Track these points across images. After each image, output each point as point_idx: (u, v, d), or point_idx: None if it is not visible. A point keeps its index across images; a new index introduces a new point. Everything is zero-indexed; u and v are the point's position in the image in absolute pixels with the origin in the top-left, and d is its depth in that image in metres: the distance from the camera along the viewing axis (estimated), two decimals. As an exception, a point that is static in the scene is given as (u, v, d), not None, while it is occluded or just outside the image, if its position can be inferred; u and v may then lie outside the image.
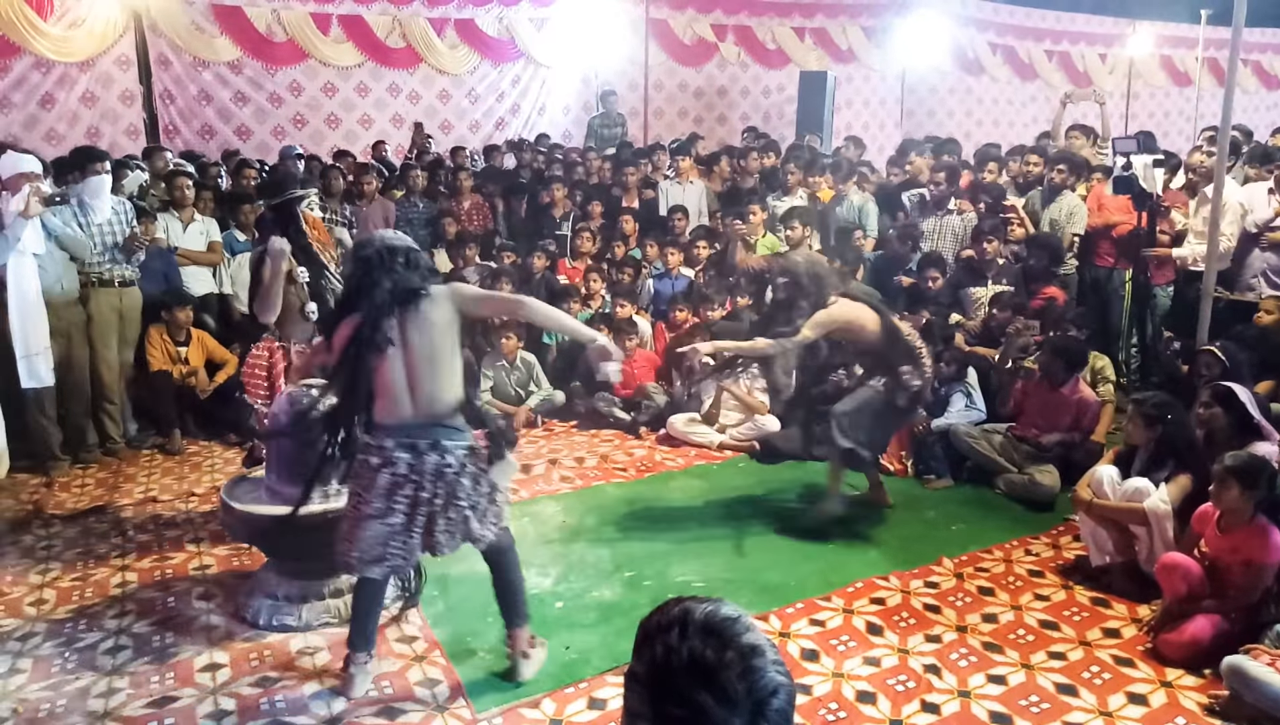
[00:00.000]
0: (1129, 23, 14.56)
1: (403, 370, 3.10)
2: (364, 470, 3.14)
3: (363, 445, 3.16)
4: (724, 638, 1.21)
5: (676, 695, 1.20)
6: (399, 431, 3.10)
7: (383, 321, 3.06)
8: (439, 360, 3.12)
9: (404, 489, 3.09)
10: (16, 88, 9.11)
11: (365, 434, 3.17)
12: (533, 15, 11.45)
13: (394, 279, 3.09)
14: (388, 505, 3.10)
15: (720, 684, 1.19)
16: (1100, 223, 6.56)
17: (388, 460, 3.09)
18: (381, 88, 10.91)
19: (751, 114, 12.82)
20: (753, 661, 1.21)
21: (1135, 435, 4.06)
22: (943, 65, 13.52)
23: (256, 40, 10.14)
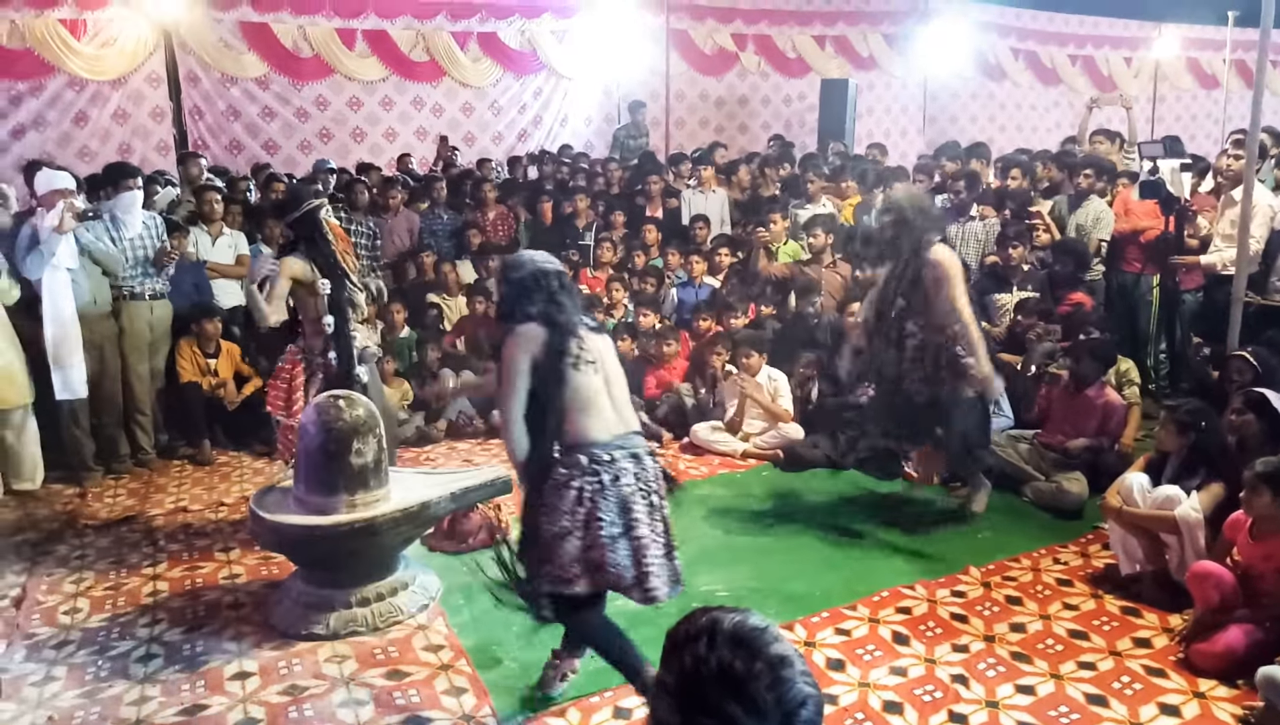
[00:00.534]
0: (1154, 25, 14.41)
1: (603, 385, 3.02)
2: (586, 491, 2.92)
3: (568, 468, 2.94)
4: (753, 648, 1.22)
5: (705, 705, 1.21)
6: (611, 446, 2.96)
7: (573, 342, 2.97)
8: (621, 372, 3.13)
9: (640, 500, 2.96)
10: (51, 105, 9.30)
11: (563, 455, 2.96)
12: (554, 28, 11.53)
13: (556, 302, 3.01)
14: (628, 520, 2.93)
15: (749, 695, 1.19)
16: (1127, 228, 6.49)
17: (617, 474, 2.93)
18: (406, 101, 11.02)
19: (773, 122, 12.82)
20: (781, 672, 1.21)
21: (1167, 442, 4.00)
22: (964, 71, 13.45)
23: (283, 56, 10.29)
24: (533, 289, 3.02)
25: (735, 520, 4.84)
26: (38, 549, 4.60)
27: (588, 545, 2.91)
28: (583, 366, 2.96)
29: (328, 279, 4.36)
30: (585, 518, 2.91)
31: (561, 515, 2.91)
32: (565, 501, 2.91)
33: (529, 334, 2.97)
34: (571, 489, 2.91)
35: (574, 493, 2.90)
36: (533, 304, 3.00)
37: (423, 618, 3.84)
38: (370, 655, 3.59)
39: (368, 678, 3.44)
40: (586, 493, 2.90)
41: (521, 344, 2.96)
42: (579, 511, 2.90)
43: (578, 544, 2.92)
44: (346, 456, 3.72)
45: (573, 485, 2.91)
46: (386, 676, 3.45)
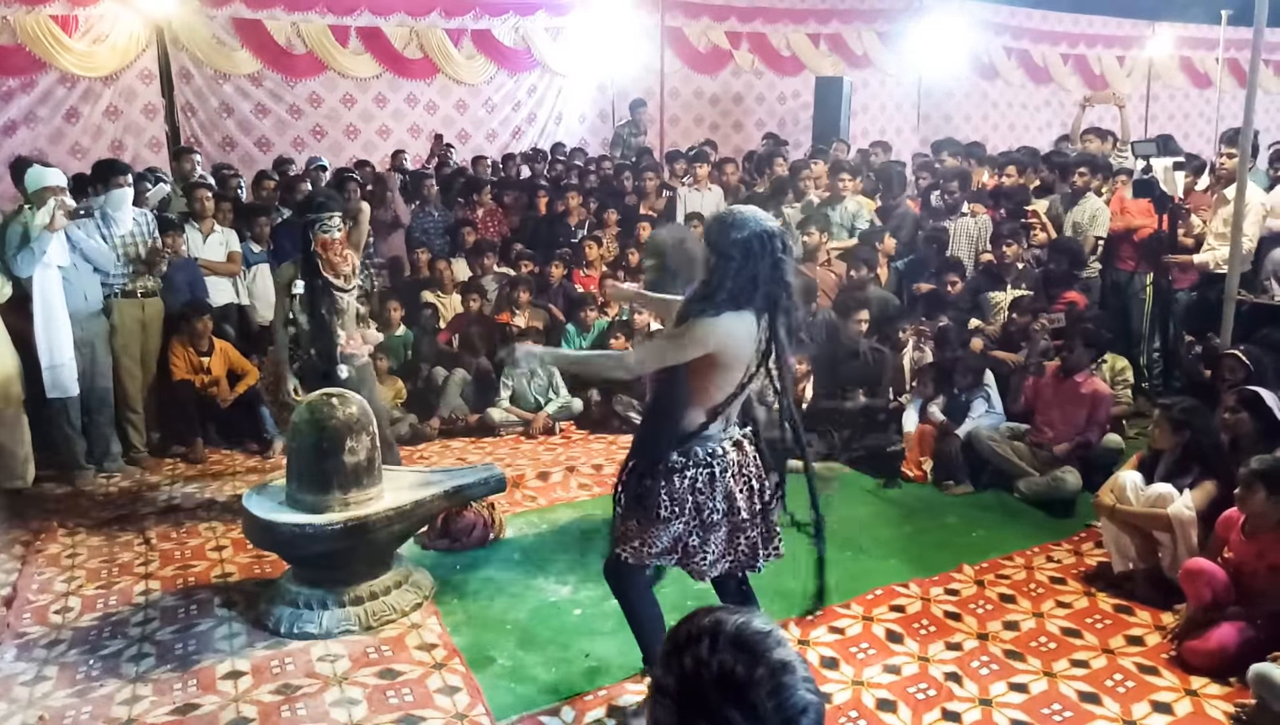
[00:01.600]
0: (1148, 24, 14.44)
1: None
2: (699, 481, 2.89)
3: (684, 457, 2.88)
4: (755, 653, 1.20)
5: (705, 709, 1.19)
6: (719, 438, 2.92)
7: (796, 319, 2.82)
8: None
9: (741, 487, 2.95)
10: (42, 102, 9.25)
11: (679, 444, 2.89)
12: (548, 25, 11.51)
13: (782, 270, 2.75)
14: (731, 507, 2.93)
15: (750, 700, 1.17)
16: (1121, 226, 6.51)
17: (726, 466, 2.91)
18: (399, 98, 11.00)
19: (767, 120, 12.82)
20: (783, 679, 1.19)
21: (1162, 441, 4.01)
22: (958, 69, 13.47)
23: (276, 53, 10.25)
24: (759, 256, 2.72)
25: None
26: (29, 548, 4.58)
27: (690, 532, 2.92)
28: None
29: (305, 281, 4.54)
30: (695, 506, 2.89)
31: (671, 502, 2.88)
32: (678, 489, 2.88)
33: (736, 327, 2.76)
34: (685, 477, 2.88)
35: (687, 481, 2.88)
36: (756, 282, 2.73)
37: (416, 617, 3.83)
38: (363, 654, 3.58)
39: (360, 677, 3.43)
40: (700, 483, 2.88)
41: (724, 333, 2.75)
42: (688, 500, 2.88)
43: (680, 529, 2.92)
44: (339, 454, 3.71)
45: (687, 474, 2.88)
46: (379, 676, 3.44)
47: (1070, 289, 6.18)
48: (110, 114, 9.60)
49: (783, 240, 2.78)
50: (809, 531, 3.02)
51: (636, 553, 2.96)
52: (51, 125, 9.32)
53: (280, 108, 10.43)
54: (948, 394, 5.47)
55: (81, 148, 9.36)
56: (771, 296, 2.77)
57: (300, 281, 4.52)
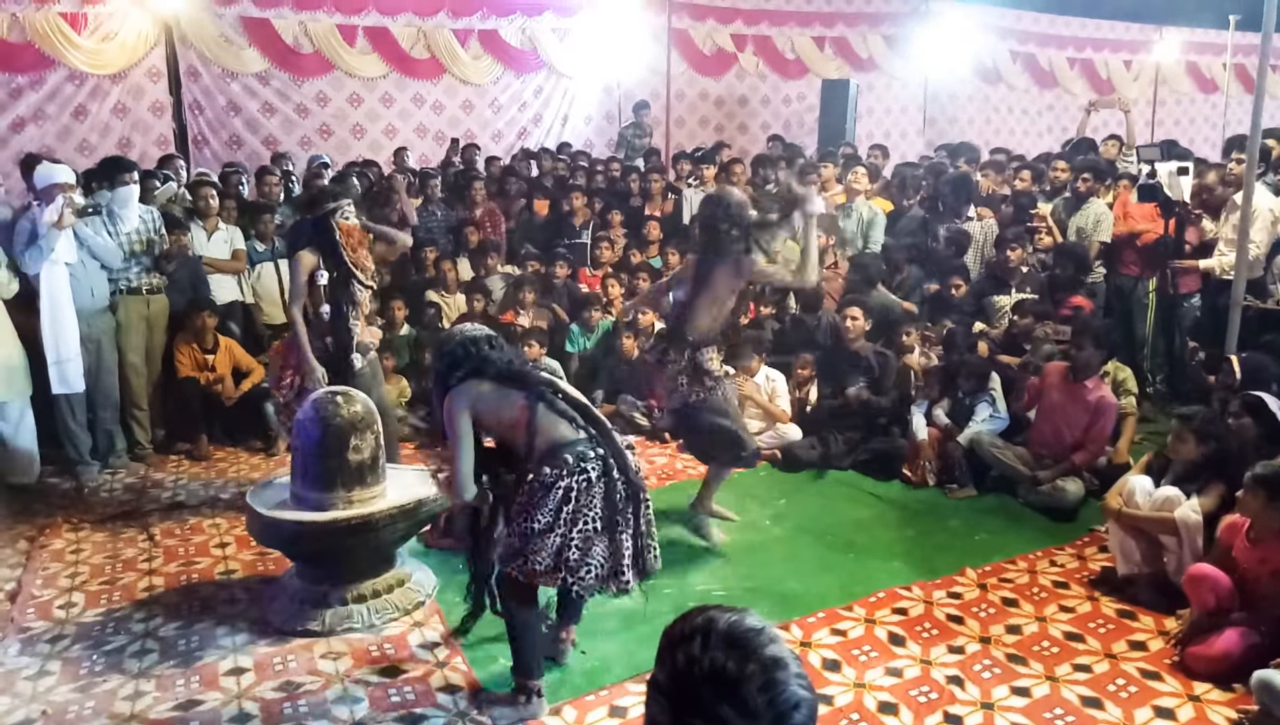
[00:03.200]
0: (1155, 29, 14.41)
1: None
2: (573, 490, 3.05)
3: (554, 468, 3.04)
4: (747, 649, 1.20)
5: (697, 706, 1.20)
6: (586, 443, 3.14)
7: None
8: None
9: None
10: (51, 99, 9.28)
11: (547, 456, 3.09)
12: (555, 26, 11.52)
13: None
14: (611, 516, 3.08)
15: (741, 696, 1.18)
16: (1125, 231, 6.50)
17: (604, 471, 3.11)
18: (406, 98, 11.01)
19: (772, 122, 12.82)
20: (775, 675, 1.19)
21: (1184, 452, 3.96)
22: (964, 73, 13.47)
23: (284, 51, 10.27)
24: (461, 357, 3.17)
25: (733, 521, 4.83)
26: (33, 543, 4.59)
27: (567, 544, 2.99)
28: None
29: (328, 272, 4.58)
30: (571, 515, 2.98)
31: (546, 512, 2.98)
32: (552, 499, 2.98)
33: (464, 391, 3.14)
34: (559, 488, 2.98)
35: (560, 491, 2.97)
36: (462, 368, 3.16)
37: (419, 615, 3.84)
38: (366, 652, 3.58)
39: (363, 674, 3.44)
40: (575, 491, 2.98)
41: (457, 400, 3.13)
42: (564, 509, 2.98)
43: (558, 542, 2.99)
44: (344, 452, 3.72)
45: (559, 485, 2.98)
46: (382, 673, 3.44)
47: (1076, 294, 6.17)
48: (118, 111, 9.63)
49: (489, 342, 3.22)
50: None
51: (523, 569, 3.02)
52: (60, 122, 9.34)
53: (287, 106, 10.45)
54: (952, 397, 5.46)
55: (89, 145, 9.38)
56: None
57: (324, 272, 4.56)
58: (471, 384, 3.14)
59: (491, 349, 3.20)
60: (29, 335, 5.14)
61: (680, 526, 4.72)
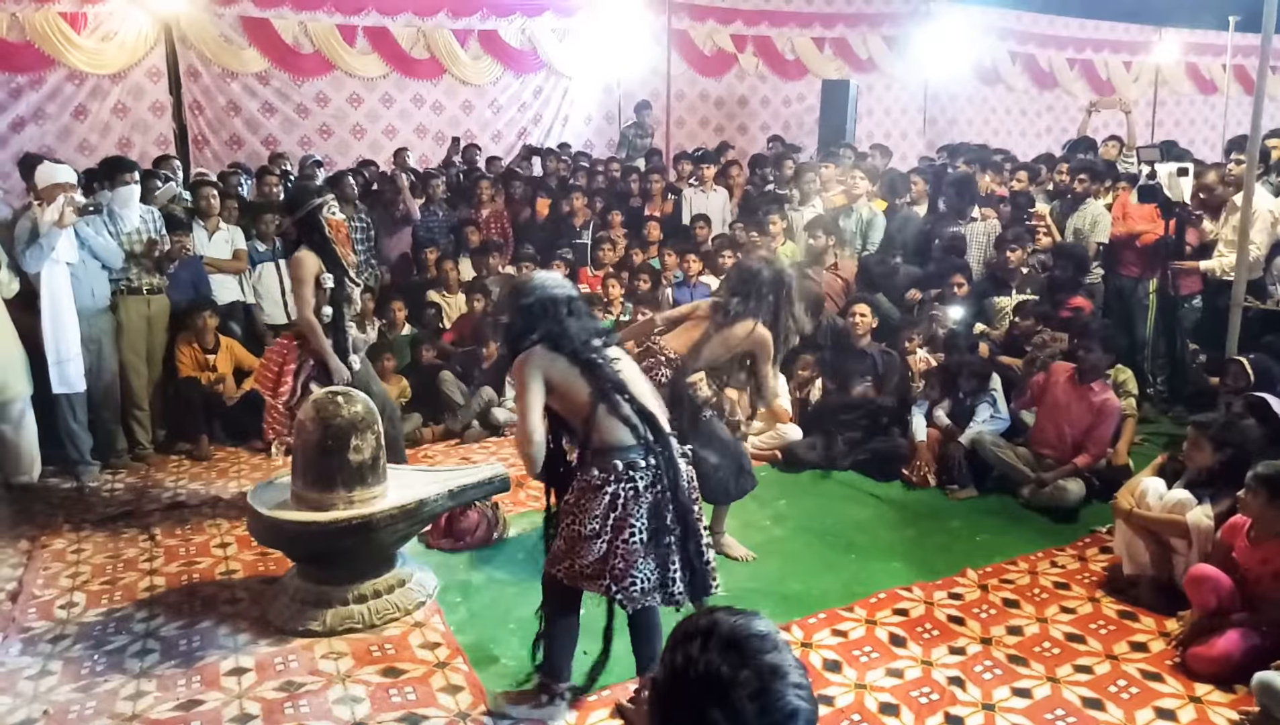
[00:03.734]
0: (1155, 30, 14.43)
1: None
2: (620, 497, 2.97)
3: (603, 472, 2.97)
4: (744, 654, 1.19)
5: (687, 707, 1.19)
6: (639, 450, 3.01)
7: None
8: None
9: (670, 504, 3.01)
10: (51, 99, 9.28)
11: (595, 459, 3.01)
12: (555, 26, 11.52)
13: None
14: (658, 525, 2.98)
15: (731, 701, 1.17)
16: (1125, 232, 6.50)
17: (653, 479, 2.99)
18: (406, 98, 11.01)
19: (772, 123, 12.83)
20: (771, 684, 1.18)
21: (1198, 458, 3.92)
22: (964, 74, 13.48)
23: (284, 52, 10.27)
24: (539, 318, 3.04)
25: (732, 520, 4.82)
26: (34, 543, 4.59)
27: (613, 552, 2.92)
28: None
29: (330, 273, 4.52)
30: (616, 522, 2.91)
31: (593, 518, 2.92)
32: (599, 504, 2.91)
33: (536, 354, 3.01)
34: (605, 493, 2.91)
35: (607, 497, 2.91)
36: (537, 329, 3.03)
37: (419, 615, 3.84)
38: (366, 652, 3.58)
39: (364, 675, 3.44)
40: (622, 499, 2.90)
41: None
42: (611, 516, 2.91)
43: (603, 548, 2.93)
44: (344, 452, 3.71)
45: (606, 491, 2.91)
46: (383, 674, 3.44)
47: (1076, 294, 6.17)
48: (118, 111, 9.63)
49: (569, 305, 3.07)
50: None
51: (569, 573, 2.98)
52: (60, 122, 9.35)
53: (287, 106, 10.45)
54: (953, 398, 5.47)
55: (89, 145, 9.39)
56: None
57: (328, 275, 4.50)
58: (545, 351, 3.00)
59: (571, 316, 3.04)
60: (30, 335, 5.13)
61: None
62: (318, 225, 4.49)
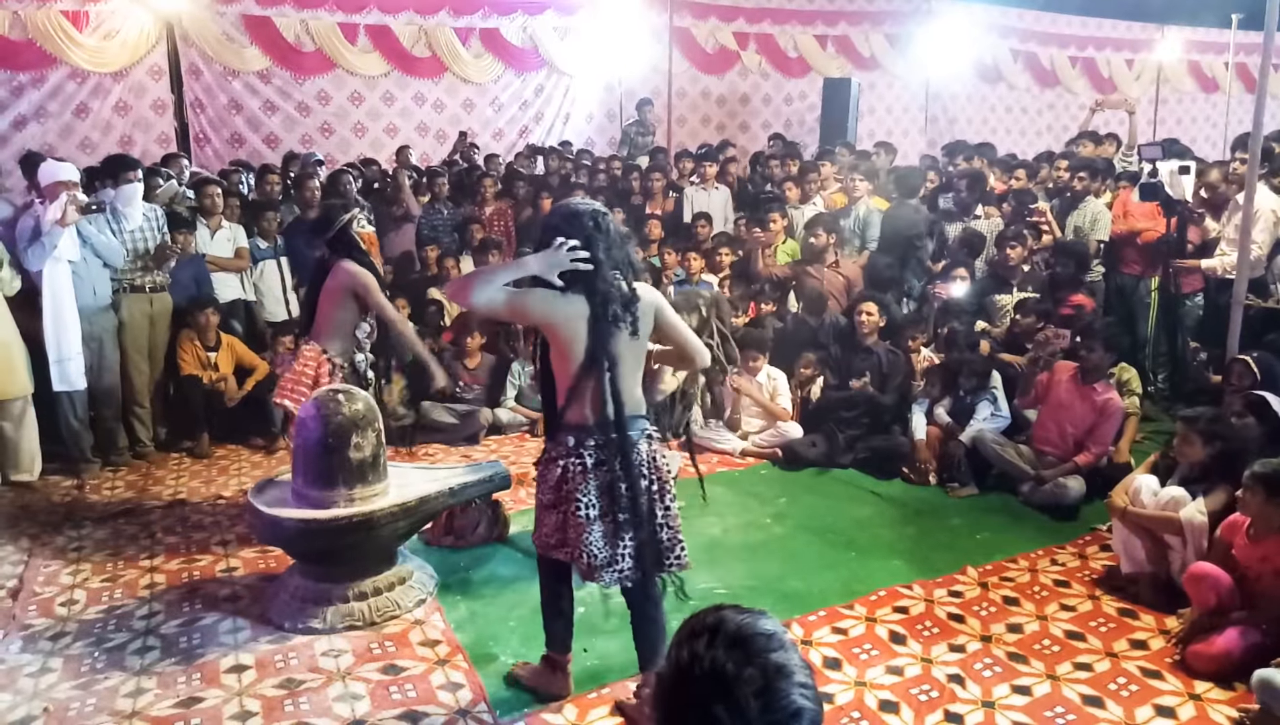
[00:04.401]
0: (1157, 28, 14.41)
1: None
2: (570, 471, 2.96)
3: (555, 446, 2.99)
4: (749, 652, 1.20)
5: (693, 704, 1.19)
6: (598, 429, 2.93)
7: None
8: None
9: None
10: (52, 97, 9.30)
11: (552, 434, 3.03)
12: (556, 24, 11.52)
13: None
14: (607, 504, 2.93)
15: (735, 699, 1.17)
16: (1126, 230, 6.49)
17: (601, 459, 2.92)
18: (407, 96, 11.02)
19: (774, 121, 12.82)
20: (776, 682, 1.18)
21: (1190, 453, 3.93)
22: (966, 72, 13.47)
23: (285, 50, 10.28)
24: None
25: (733, 519, 4.84)
26: (35, 540, 4.60)
27: (566, 525, 2.96)
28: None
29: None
30: (566, 494, 2.93)
31: (547, 488, 2.99)
32: (552, 476, 2.97)
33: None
34: (557, 467, 2.95)
35: (559, 469, 2.95)
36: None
37: (420, 613, 3.84)
38: (367, 650, 3.59)
39: (364, 672, 3.44)
40: (571, 473, 2.92)
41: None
42: (563, 488, 2.94)
43: (557, 520, 2.98)
44: (345, 450, 3.72)
45: (558, 464, 2.95)
46: (383, 671, 3.45)
47: (1077, 292, 6.16)
48: (120, 109, 9.65)
49: (597, 219, 2.86)
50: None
51: (538, 541, 3.05)
52: (61, 120, 9.36)
53: (289, 105, 10.46)
54: (953, 396, 5.46)
55: (91, 143, 9.40)
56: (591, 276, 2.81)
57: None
58: (552, 294, 2.83)
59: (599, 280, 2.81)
60: (31, 333, 5.14)
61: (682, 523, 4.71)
62: (353, 241, 4.53)
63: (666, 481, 3.00)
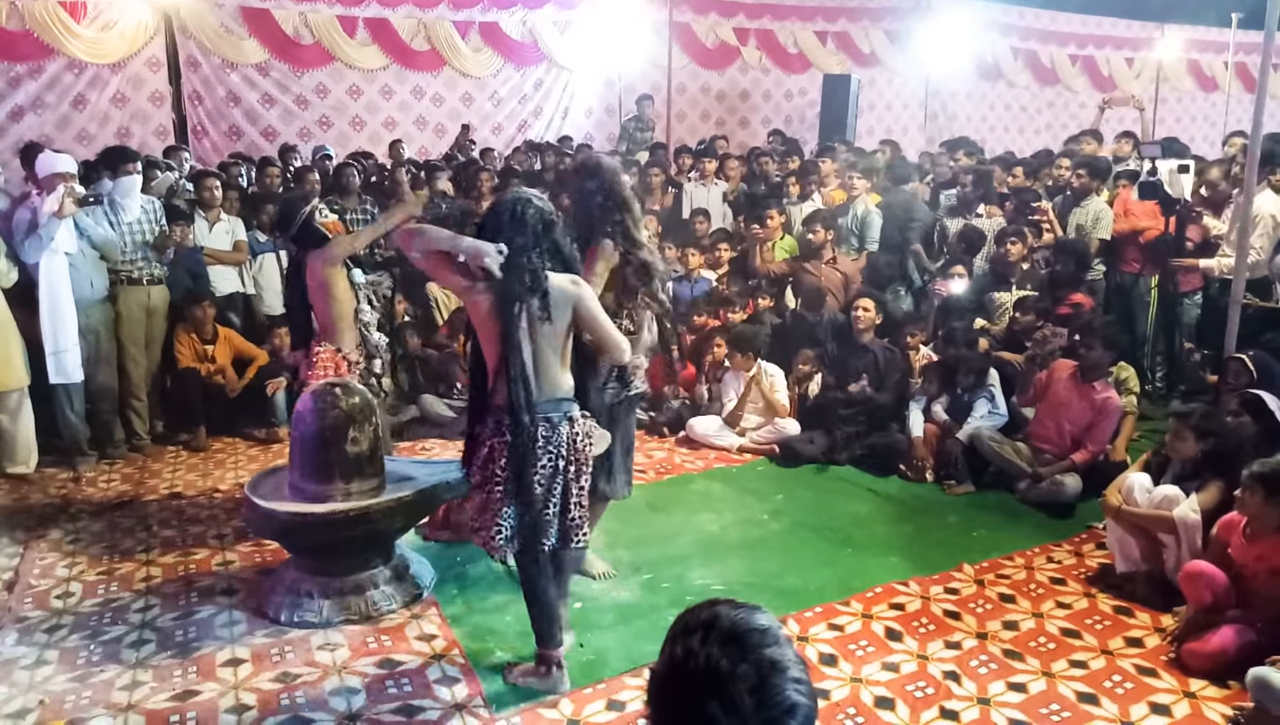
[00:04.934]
0: (1157, 26, 14.40)
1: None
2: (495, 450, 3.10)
3: (482, 426, 3.13)
4: (744, 648, 1.19)
5: (686, 700, 1.19)
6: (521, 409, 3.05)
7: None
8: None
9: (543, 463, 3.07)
10: (50, 88, 9.27)
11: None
12: (556, 18, 11.50)
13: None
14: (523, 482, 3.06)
15: (729, 695, 1.16)
16: (1127, 228, 6.49)
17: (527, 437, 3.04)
18: (406, 90, 11.00)
19: (774, 117, 12.81)
20: (770, 678, 1.18)
21: (1182, 449, 3.94)
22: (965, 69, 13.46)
23: (284, 42, 10.25)
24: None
25: (730, 515, 4.84)
26: (31, 533, 4.59)
27: (487, 500, 3.09)
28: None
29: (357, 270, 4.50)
30: (489, 474, 3.08)
31: (475, 469, 3.13)
32: (479, 457, 3.10)
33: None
34: (484, 448, 3.08)
35: (486, 448, 3.07)
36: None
37: (416, 607, 3.84)
38: (363, 644, 3.58)
39: (360, 666, 3.44)
40: (494, 453, 3.05)
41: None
42: (489, 468, 3.07)
43: (483, 497, 3.10)
44: (342, 444, 3.71)
45: (485, 444, 3.07)
46: (379, 665, 3.45)
47: (1076, 290, 6.16)
48: (117, 101, 9.62)
49: (516, 209, 3.03)
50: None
51: (475, 525, 3.17)
52: (59, 111, 9.34)
53: (287, 98, 10.43)
54: (951, 393, 5.47)
55: (88, 134, 9.38)
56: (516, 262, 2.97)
57: (356, 269, 4.48)
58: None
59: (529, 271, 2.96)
60: (27, 325, 5.13)
61: (679, 519, 4.73)
62: (318, 234, 4.39)
63: (585, 463, 3.12)
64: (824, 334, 6.22)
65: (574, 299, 3.06)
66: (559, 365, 3.08)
